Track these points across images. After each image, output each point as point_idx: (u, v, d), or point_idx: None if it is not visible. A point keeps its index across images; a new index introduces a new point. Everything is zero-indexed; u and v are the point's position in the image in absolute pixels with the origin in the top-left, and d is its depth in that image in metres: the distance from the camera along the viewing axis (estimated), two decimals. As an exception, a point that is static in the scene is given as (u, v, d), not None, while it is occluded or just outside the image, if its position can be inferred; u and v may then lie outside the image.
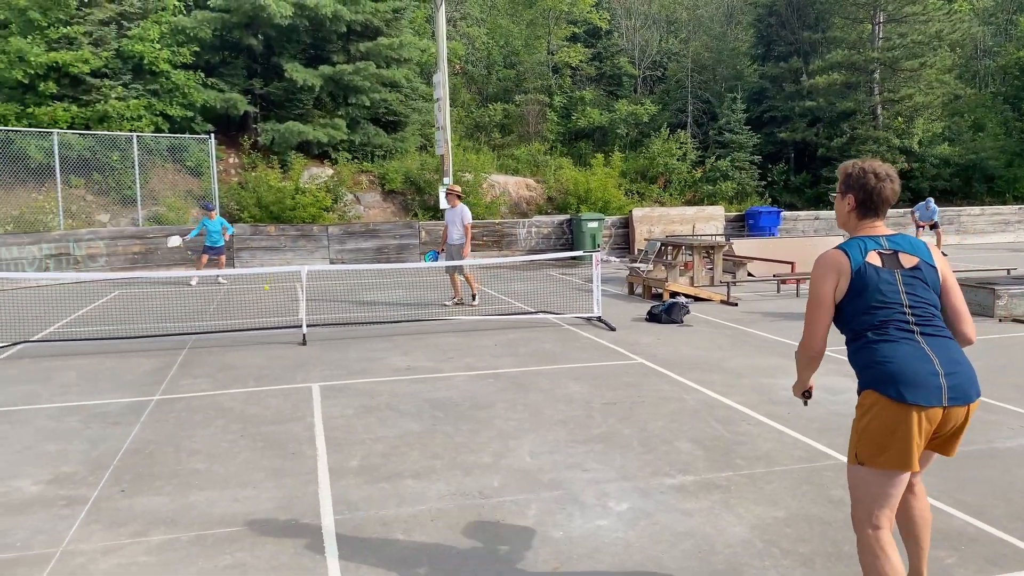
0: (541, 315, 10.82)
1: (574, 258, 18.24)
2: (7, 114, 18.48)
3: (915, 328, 2.95)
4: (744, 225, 21.75)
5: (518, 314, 11.02)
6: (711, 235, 18.16)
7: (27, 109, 18.65)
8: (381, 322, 10.66)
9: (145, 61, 19.68)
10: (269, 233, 17.94)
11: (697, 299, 11.74)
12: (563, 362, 8.16)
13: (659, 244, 13.51)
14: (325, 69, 21.13)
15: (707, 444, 5.54)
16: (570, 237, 19.95)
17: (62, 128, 18.38)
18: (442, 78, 19.06)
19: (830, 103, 26.16)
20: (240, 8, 20.14)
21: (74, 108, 18.99)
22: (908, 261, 3.03)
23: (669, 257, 13.30)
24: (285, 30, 20.97)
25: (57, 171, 17.39)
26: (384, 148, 22.88)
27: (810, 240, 16.29)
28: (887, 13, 26.98)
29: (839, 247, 3.09)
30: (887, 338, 2.94)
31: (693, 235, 18.42)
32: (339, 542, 4.10)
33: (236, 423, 6.18)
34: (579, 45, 30.03)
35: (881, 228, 3.12)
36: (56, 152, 17.31)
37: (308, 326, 9.51)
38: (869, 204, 3.09)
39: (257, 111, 21.84)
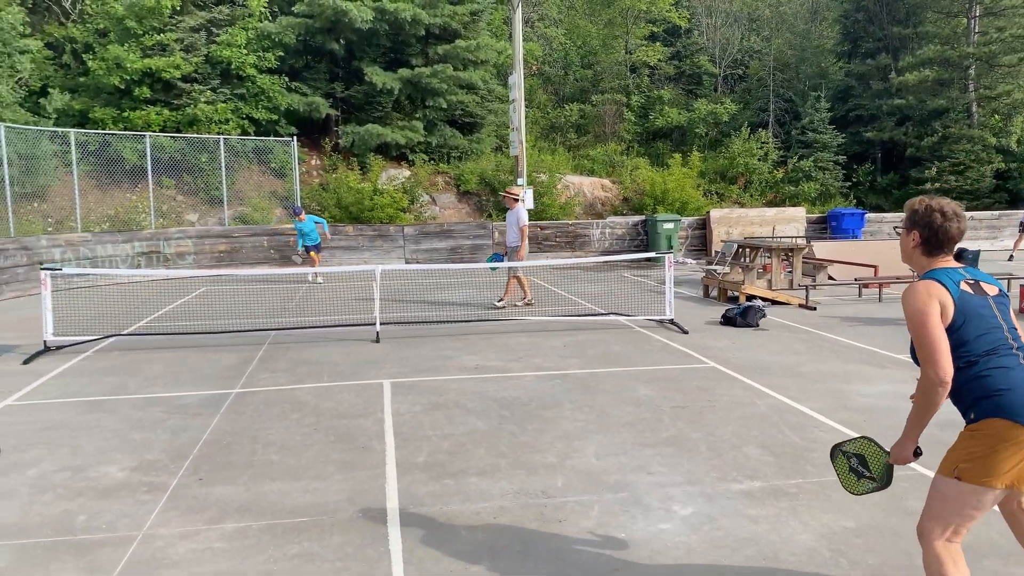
0: (612, 317, 10.76)
1: (648, 260, 18.07)
2: (105, 118, 19.43)
3: (1019, 352, 2.94)
4: (826, 227, 21.14)
5: (588, 315, 10.98)
6: (791, 237, 17.71)
7: (123, 113, 19.58)
8: (452, 321, 10.78)
9: (232, 66, 20.41)
10: (348, 233, 18.35)
11: (774, 302, 11.48)
12: (632, 364, 8.10)
13: (736, 246, 13.26)
14: (404, 72, 21.50)
15: (777, 450, 5.42)
16: (645, 238, 19.76)
17: (154, 131, 19.21)
18: (518, 79, 19.12)
19: (920, 101, 25.20)
20: (323, 13, 20.67)
21: (166, 112, 19.84)
22: (991, 289, 3.04)
23: (746, 259, 13.04)
24: (366, 34, 21.41)
25: (149, 173, 18.18)
26: (460, 149, 23.14)
27: (895, 243, 15.70)
28: (983, 6, 25.83)
29: (926, 277, 3.02)
30: (1001, 365, 2.89)
31: (773, 237, 18.01)
32: (403, 535, 4.18)
33: (310, 416, 6.36)
34: (658, 44, 29.73)
35: (952, 263, 3.09)
36: (148, 154, 18.10)
37: (381, 324, 9.70)
38: (934, 241, 3.08)
39: (338, 114, 22.38)
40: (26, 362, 8.46)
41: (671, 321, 10.07)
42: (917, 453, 3.07)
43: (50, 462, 5.34)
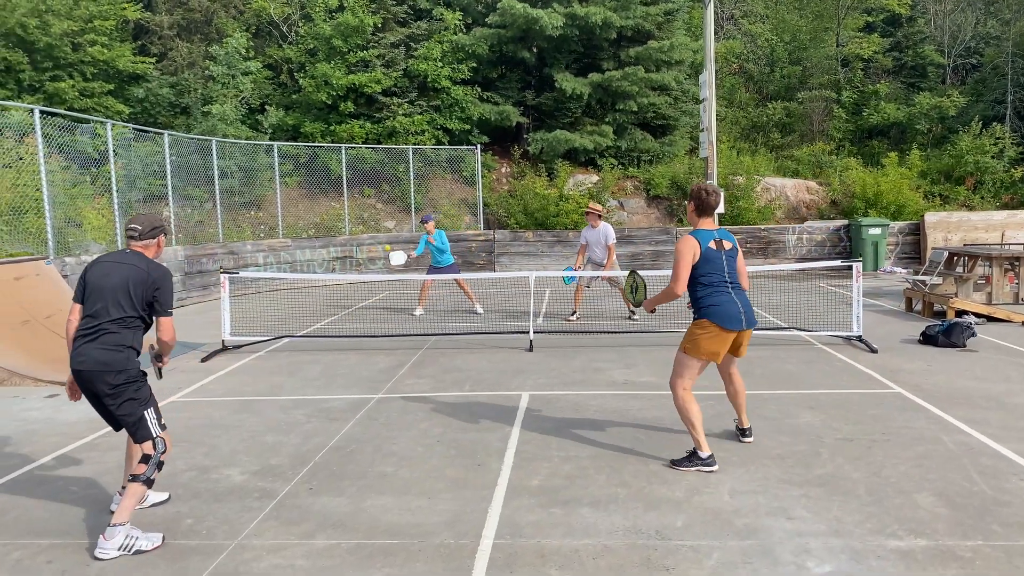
0: (794, 332, 9.77)
1: (838, 268, 16.45)
2: (314, 132, 20.80)
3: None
4: (1076, 233, 18.22)
5: (767, 329, 10.03)
6: (1021, 244, 15.40)
7: (330, 127, 20.86)
8: (611, 331, 10.28)
9: (428, 79, 21.12)
10: (527, 239, 18.32)
11: (990, 319, 9.92)
12: (802, 386, 7.22)
13: (946, 253, 11.65)
14: (594, 77, 21.18)
15: (956, 501, 4.49)
16: (847, 245, 18.03)
17: (357, 144, 20.28)
18: (708, 77, 18.20)
19: None
20: (515, 23, 20.86)
21: (368, 125, 20.89)
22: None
23: (962, 269, 11.41)
24: (556, 41, 21.35)
25: (344, 182, 19.19)
26: (651, 153, 22.47)
27: None
28: None
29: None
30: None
31: (1001, 244, 15.76)
32: (488, 570, 3.83)
33: (438, 427, 6.18)
34: (874, 35, 27.27)
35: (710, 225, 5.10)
36: (344, 165, 19.11)
37: (535, 332, 9.41)
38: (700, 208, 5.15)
39: (528, 122, 22.50)
40: (204, 360, 9.03)
41: (859, 338, 8.95)
42: (652, 311, 5.46)
43: (184, 461, 5.53)
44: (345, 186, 19.19)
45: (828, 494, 4.65)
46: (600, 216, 11.29)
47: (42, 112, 11.49)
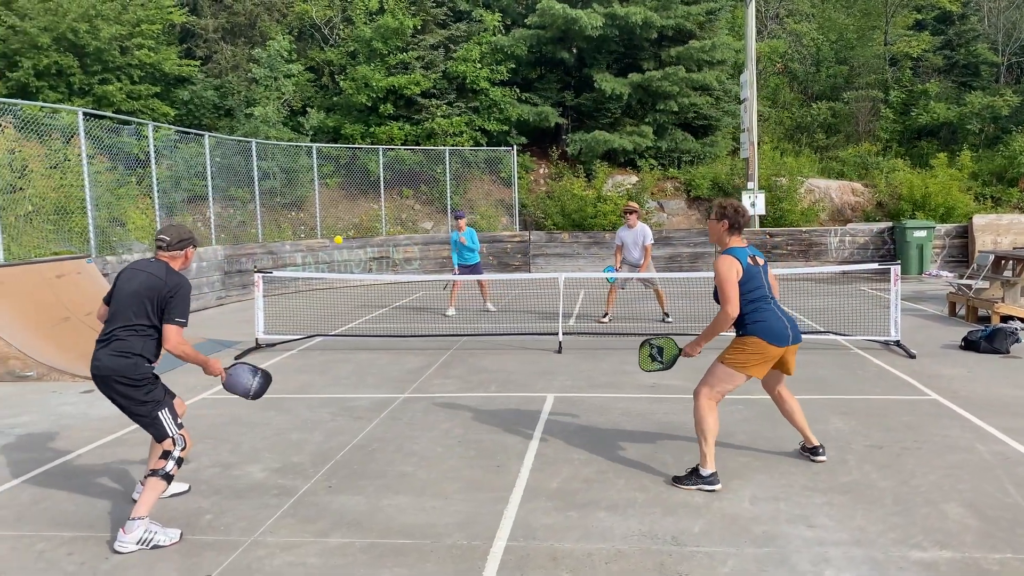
0: (831, 336, 9.55)
1: (877, 272, 16.02)
2: (354, 134, 21.00)
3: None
4: None
5: (804, 333, 9.77)
6: (1075, 247, 14.86)
7: (369, 129, 21.04)
8: (643, 334, 10.14)
9: (467, 80, 21.18)
10: (563, 240, 18.25)
11: (1038, 325, 9.57)
12: (834, 392, 7.05)
13: (992, 256, 11.30)
14: (634, 77, 21.03)
15: (988, 512, 4.34)
16: (892, 247, 17.59)
17: (395, 145, 20.43)
18: (749, 77, 17.99)
19: None
20: (554, 23, 20.82)
21: (407, 127, 21.03)
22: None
23: (1009, 273, 11.05)
24: (596, 41, 21.26)
25: (381, 183, 19.33)
26: (692, 153, 22.23)
27: None
28: None
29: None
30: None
31: (1055, 247, 15.22)
32: (499, 572, 3.80)
33: (460, 428, 6.17)
34: (924, 33, 26.64)
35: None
36: (381, 166, 19.25)
37: (566, 334, 9.36)
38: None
39: (567, 122, 22.43)
40: (237, 358, 9.14)
41: (896, 343, 8.72)
42: (687, 354, 5.09)
43: (208, 457, 5.60)
44: (382, 187, 19.33)
45: (852, 502, 4.53)
46: (638, 215, 11.17)
47: (86, 114, 11.78)
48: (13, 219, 11.22)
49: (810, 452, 5.27)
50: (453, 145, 20.69)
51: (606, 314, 11.41)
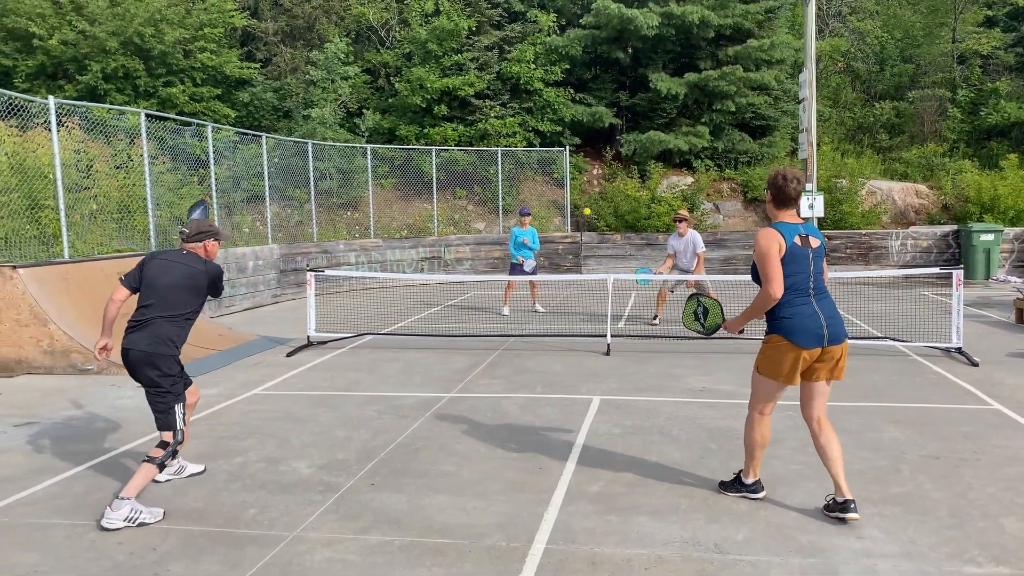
0: (888, 342, 9.27)
1: (939, 276, 15.50)
2: (409, 135, 21.18)
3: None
4: None
5: (857, 338, 9.54)
6: None
7: (424, 130, 21.20)
8: (692, 337, 9.99)
9: (521, 81, 21.18)
10: (615, 242, 18.12)
11: (1113, 334, 9.16)
12: (889, 400, 6.84)
13: (1064, 262, 10.83)
14: (690, 76, 20.77)
15: (1050, 529, 4.15)
16: (956, 251, 17.01)
17: (449, 146, 20.54)
18: (808, 76, 17.58)
19: None
20: (609, 23, 20.67)
21: (461, 128, 21.13)
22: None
23: (1082, 279, 10.59)
24: (652, 41, 21.05)
25: (433, 183, 19.46)
26: (749, 154, 21.85)
27: None
28: None
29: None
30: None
31: None
32: (537, 574, 3.77)
33: (504, 429, 6.16)
34: (995, 30, 25.71)
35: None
36: (433, 166, 19.38)
37: (614, 336, 9.27)
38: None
39: (622, 123, 22.26)
40: (289, 355, 9.30)
41: (958, 350, 8.42)
42: (740, 331, 4.64)
43: (256, 452, 5.69)
44: (435, 188, 19.46)
45: (905, 513, 4.38)
46: (688, 223, 11.04)
47: (149, 116, 12.11)
48: (79, 217, 11.60)
49: (839, 508, 4.27)
50: (506, 146, 20.72)
51: (656, 316, 11.28)
